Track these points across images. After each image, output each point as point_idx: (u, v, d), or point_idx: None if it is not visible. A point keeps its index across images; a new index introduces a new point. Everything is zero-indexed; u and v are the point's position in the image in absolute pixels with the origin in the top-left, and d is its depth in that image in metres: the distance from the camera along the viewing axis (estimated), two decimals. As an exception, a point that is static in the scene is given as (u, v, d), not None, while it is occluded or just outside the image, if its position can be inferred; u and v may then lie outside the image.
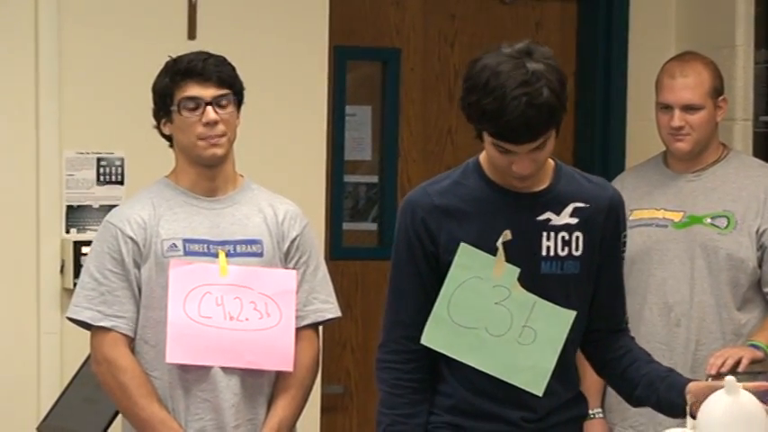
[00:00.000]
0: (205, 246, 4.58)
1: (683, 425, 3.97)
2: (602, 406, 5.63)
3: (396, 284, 4.15)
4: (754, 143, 6.14)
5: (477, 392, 4.10)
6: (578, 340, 4.21)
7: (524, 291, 4.09)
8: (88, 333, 4.62)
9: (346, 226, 6.22)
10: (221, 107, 4.54)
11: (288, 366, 4.60)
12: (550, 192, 4.13)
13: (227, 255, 4.59)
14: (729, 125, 6.03)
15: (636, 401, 4.41)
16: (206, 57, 4.60)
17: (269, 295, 4.58)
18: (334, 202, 6.14)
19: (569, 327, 4.12)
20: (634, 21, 6.50)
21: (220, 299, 4.55)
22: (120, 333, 4.55)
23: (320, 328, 4.76)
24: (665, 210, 5.57)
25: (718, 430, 3.83)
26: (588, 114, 6.55)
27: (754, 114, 6.18)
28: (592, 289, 4.19)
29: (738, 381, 5.41)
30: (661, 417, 5.33)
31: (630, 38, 6.50)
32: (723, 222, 5.50)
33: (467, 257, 4.06)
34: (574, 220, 4.11)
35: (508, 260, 4.08)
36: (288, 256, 4.63)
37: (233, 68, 4.60)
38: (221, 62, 4.59)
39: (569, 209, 4.12)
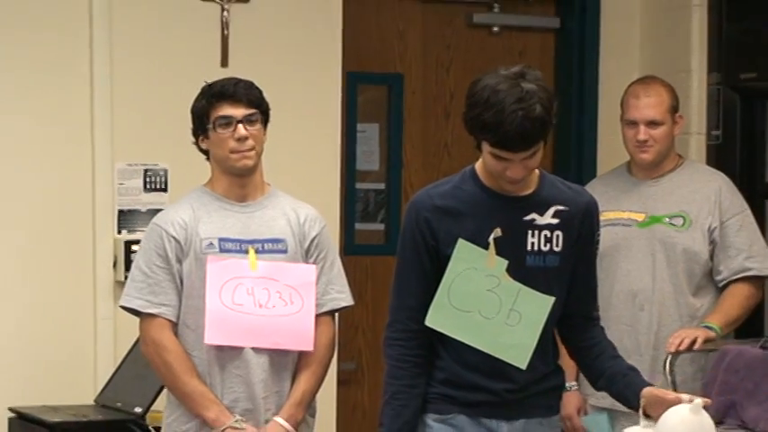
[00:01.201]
0: (237, 244, 4.57)
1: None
2: (578, 379, 5.60)
3: (401, 274, 4.16)
4: (707, 153, 6.14)
5: (466, 367, 4.10)
6: (556, 322, 4.21)
7: (511, 280, 4.10)
8: (137, 319, 4.61)
9: (358, 226, 6.22)
10: (250, 124, 4.54)
11: (309, 347, 4.60)
12: (536, 196, 4.13)
13: (257, 252, 4.59)
14: (686, 138, 6.02)
15: (598, 388, 4.42)
16: (237, 81, 4.60)
17: (292, 286, 4.57)
18: (348, 206, 6.13)
19: (549, 311, 4.13)
20: (603, 49, 6.49)
21: (251, 289, 4.54)
22: (165, 319, 4.55)
23: (336, 314, 4.76)
24: (630, 211, 5.58)
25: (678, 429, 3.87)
26: (565, 129, 6.52)
27: (707, 129, 6.17)
28: (569, 279, 4.17)
29: (693, 357, 5.45)
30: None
31: (600, 64, 6.49)
32: (679, 221, 5.51)
33: (463, 251, 4.07)
34: (555, 221, 4.12)
35: (498, 254, 4.08)
36: (308, 253, 4.63)
37: (260, 91, 4.60)
38: (250, 86, 4.59)
39: (551, 211, 4.13)
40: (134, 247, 5.10)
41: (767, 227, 5.90)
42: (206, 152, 4.65)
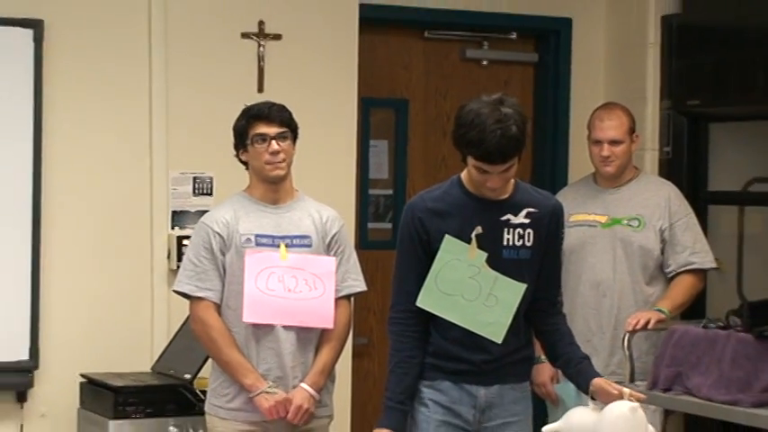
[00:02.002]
0: (271, 239, 4.60)
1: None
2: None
3: (400, 264, 4.22)
4: (659, 166, 6.14)
5: (451, 341, 4.14)
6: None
7: (490, 269, 4.14)
8: (187, 301, 4.65)
9: (370, 225, 6.22)
10: (282, 140, 4.56)
11: (329, 325, 4.63)
12: (511, 200, 4.17)
13: (287, 246, 4.61)
14: (642, 154, 6.02)
15: (556, 367, 4.59)
16: (271, 105, 4.63)
17: (316, 274, 4.60)
18: (362, 208, 6.14)
19: (521, 295, 4.16)
20: (573, 80, 6.50)
21: (281, 277, 4.57)
22: (211, 301, 4.58)
23: (352, 298, 4.79)
24: (595, 214, 5.59)
25: (619, 425, 3.91)
26: (541, 145, 6.54)
27: (659, 146, 6.17)
28: (538, 269, 4.20)
29: (647, 335, 5.44)
30: (602, 356, 5.38)
31: (571, 92, 6.50)
32: (636, 223, 5.52)
33: (449, 245, 4.11)
34: (527, 221, 4.16)
35: (479, 247, 4.12)
36: (329, 247, 4.65)
37: (290, 113, 4.63)
38: (282, 109, 4.62)
39: (524, 212, 4.16)
40: (185, 242, 5.12)
41: (708, 228, 5.89)
42: (245, 163, 4.68)
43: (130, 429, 4.98)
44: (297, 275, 4.56)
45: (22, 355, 5.37)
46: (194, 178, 5.63)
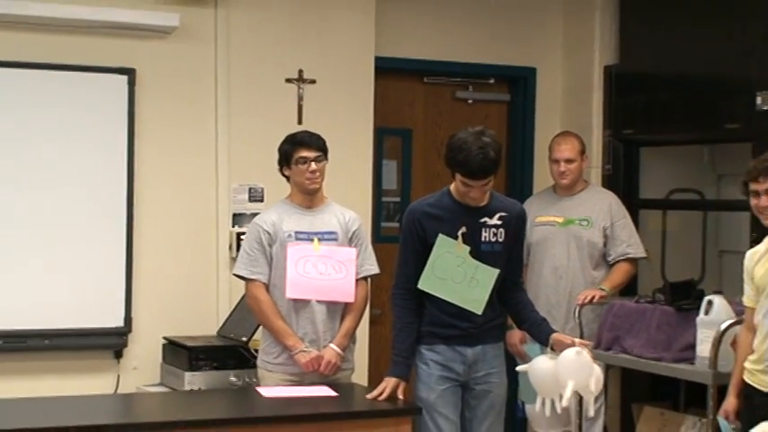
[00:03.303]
0: (306, 235, 4.59)
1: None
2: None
3: (402, 253, 4.30)
4: (603, 180, 6.11)
5: (445, 314, 4.17)
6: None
7: (472, 259, 4.15)
8: (243, 282, 4.63)
9: (383, 224, 6.20)
10: (318, 162, 4.55)
11: (351, 299, 4.60)
12: (487, 207, 4.20)
13: (318, 240, 4.59)
14: (589, 170, 5.99)
15: (522, 330, 4.61)
16: (311, 134, 4.63)
17: (341, 261, 4.58)
18: (377, 211, 6.10)
19: (495, 278, 4.18)
20: (537, 114, 6.47)
21: (315, 263, 4.55)
22: (261, 282, 4.57)
23: (369, 279, 4.75)
24: (554, 216, 5.60)
25: (569, 365, 3.93)
26: (514, 164, 6.52)
27: (603, 164, 6.14)
28: (507, 259, 4.21)
29: (593, 308, 5.40)
30: (559, 324, 5.34)
31: (536, 123, 6.47)
32: (585, 223, 5.54)
33: (442, 241, 4.14)
34: (499, 222, 4.20)
35: (464, 243, 4.14)
36: (351, 241, 4.64)
37: (324, 141, 4.63)
38: (319, 137, 4.61)
39: (497, 216, 4.21)
40: (241, 237, 5.06)
41: (640, 227, 5.86)
42: (287, 177, 4.65)
43: (200, 379, 4.95)
44: (326, 262, 4.53)
45: (119, 322, 5.35)
46: (250, 188, 5.59)
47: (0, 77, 5.14)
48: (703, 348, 4.67)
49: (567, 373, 3.89)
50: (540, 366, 4.01)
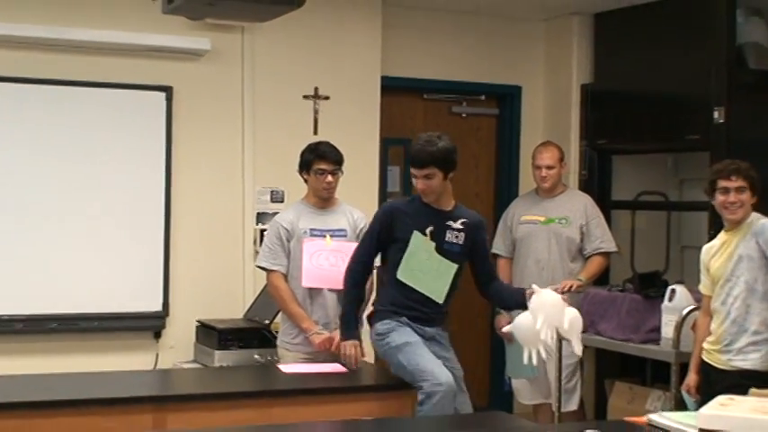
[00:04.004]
0: (320, 232, 4.56)
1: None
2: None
3: (365, 238, 4.28)
4: (579, 184, 6.10)
5: (408, 298, 4.11)
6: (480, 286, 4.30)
7: (438, 255, 4.12)
8: (265, 273, 4.60)
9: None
10: (334, 174, 4.54)
11: (359, 288, 4.55)
12: (453, 212, 4.18)
13: (330, 236, 4.56)
14: (568, 175, 5.98)
15: (506, 308, 4.66)
16: (331, 148, 4.58)
17: (350, 255, 4.52)
18: (382, 211, 6.07)
19: (455, 271, 4.14)
20: (523, 126, 6.43)
21: (327, 256, 4.51)
22: (280, 272, 4.54)
23: (374, 270, 4.66)
24: (537, 215, 5.58)
25: (539, 304, 3.88)
26: (502, 170, 6.49)
27: (579, 170, 6.14)
28: (467, 258, 4.20)
29: (571, 296, 5.39)
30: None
31: (521, 134, 6.44)
32: (564, 221, 5.52)
33: (416, 238, 4.11)
34: (461, 227, 4.18)
35: (431, 240, 4.11)
36: (358, 237, 4.57)
37: (342, 155, 4.58)
38: (337, 152, 4.58)
39: (459, 221, 4.19)
40: (264, 233, 5.04)
41: (612, 224, 5.84)
42: (305, 180, 4.62)
43: (229, 357, 4.94)
44: (337, 255, 4.47)
45: (158, 307, 5.35)
46: (271, 191, 5.57)
47: (55, 95, 5.16)
48: (667, 331, 4.67)
49: (537, 310, 3.84)
50: (521, 321, 3.95)
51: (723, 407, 2.93)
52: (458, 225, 4.17)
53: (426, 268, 4.12)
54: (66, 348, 5.17)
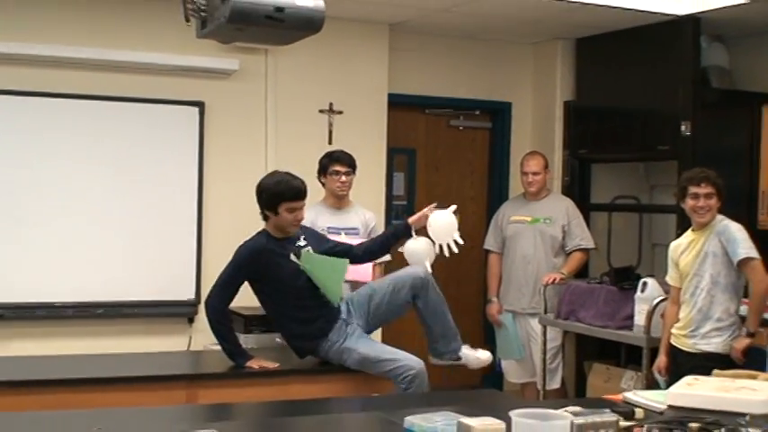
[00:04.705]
0: (336, 229, 4.58)
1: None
2: (498, 295, 5.54)
3: (231, 277, 3.96)
4: (562, 188, 6.09)
5: (305, 313, 3.89)
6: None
7: (321, 255, 4.00)
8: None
9: (393, 222, 6.14)
10: (347, 176, 4.56)
11: (369, 279, 4.53)
12: (294, 238, 3.98)
13: (345, 233, 4.57)
14: (552, 181, 5.97)
15: (386, 250, 4.20)
16: (345, 153, 4.61)
17: (362, 250, 4.53)
18: (389, 212, 6.06)
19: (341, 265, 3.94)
20: (513, 138, 6.43)
21: (342, 252, 4.49)
22: (300, 265, 4.49)
23: (383, 264, 4.73)
24: (524, 216, 5.55)
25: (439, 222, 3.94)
26: (494, 176, 6.46)
27: (562, 176, 6.13)
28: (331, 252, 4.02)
29: (555, 287, 5.33)
30: (527, 299, 5.29)
31: (511, 145, 6.42)
32: (548, 221, 5.50)
33: (303, 260, 3.90)
34: (304, 242, 4.03)
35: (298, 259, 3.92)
36: (369, 235, 4.61)
37: (354, 160, 4.61)
38: (350, 157, 4.62)
39: (302, 238, 4.06)
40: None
41: (591, 225, 5.83)
42: (323, 183, 4.63)
43: (253, 340, 4.90)
44: (350, 251, 4.49)
45: (191, 295, 5.34)
46: (292, 194, 5.57)
47: (101, 109, 5.15)
48: (640, 318, 4.65)
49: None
50: (412, 245, 3.99)
51: (689, 386, 2.94)
52: (302, 242, 3.95)
53: (323, 272, 3.86)
54: (110, 332, 5.18)
